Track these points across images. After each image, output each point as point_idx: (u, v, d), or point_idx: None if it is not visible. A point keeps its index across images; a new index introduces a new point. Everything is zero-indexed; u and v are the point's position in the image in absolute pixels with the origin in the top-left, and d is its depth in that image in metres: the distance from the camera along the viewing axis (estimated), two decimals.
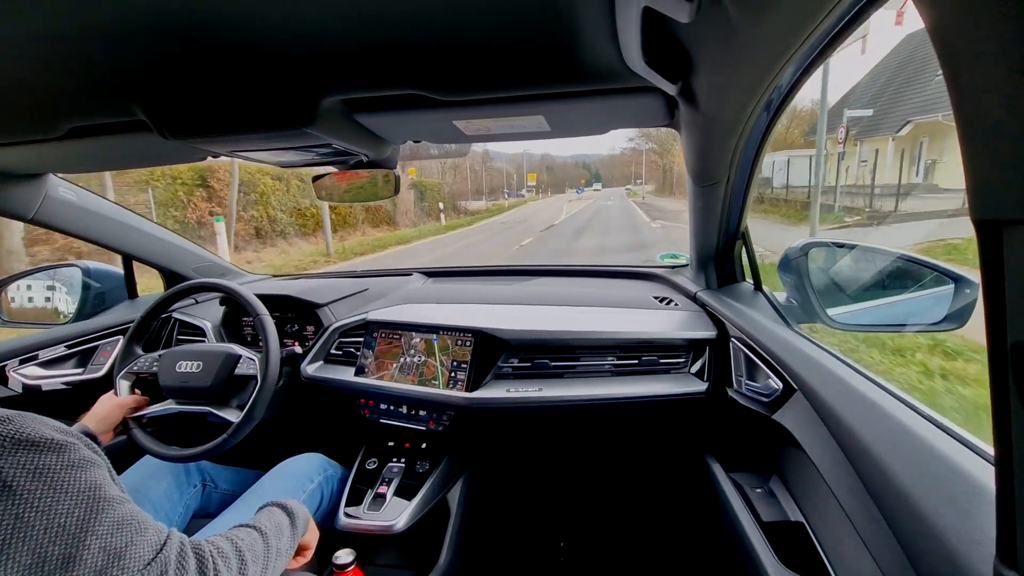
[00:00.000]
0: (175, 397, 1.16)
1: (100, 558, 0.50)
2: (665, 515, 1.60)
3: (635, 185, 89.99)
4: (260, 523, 0.77)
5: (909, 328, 0.99)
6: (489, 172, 61.16)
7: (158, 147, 1.03)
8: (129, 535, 0.53)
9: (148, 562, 0.54)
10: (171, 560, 0.55)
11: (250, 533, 0.73)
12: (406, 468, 1.29)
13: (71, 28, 0.58)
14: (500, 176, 66.56)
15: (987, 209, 0.31)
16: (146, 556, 0.54)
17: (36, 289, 1.64)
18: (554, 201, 48.62)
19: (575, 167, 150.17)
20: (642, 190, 69.27)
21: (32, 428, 0.50)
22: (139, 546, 0.53)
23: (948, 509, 0.49)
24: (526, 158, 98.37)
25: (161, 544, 0.56)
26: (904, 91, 15.24)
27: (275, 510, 0.82)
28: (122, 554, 0.51)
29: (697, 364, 1.21)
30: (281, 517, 0.81)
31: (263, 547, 0.72)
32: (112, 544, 0.51)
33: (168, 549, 0.56)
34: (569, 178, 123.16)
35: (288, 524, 0.81)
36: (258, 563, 0.70)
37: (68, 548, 0.48)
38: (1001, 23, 0.26)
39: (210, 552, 0.61)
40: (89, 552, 0.49)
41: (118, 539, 0.52)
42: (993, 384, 0.33)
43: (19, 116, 0.88)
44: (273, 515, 0.81)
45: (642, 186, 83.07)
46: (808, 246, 1.07)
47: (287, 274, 1.98)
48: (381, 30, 0.61)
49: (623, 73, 0.71)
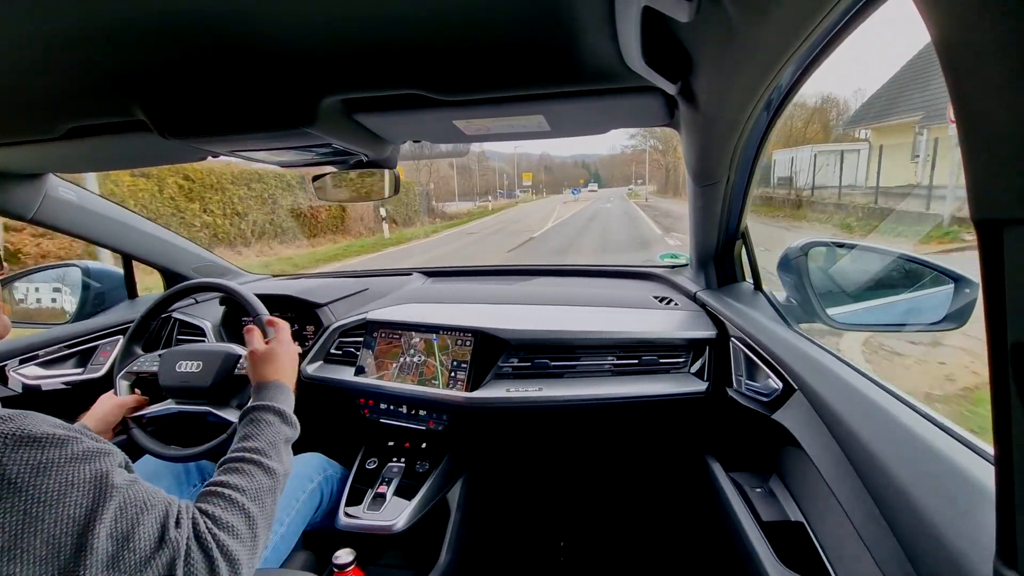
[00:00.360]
0: (175, 397, 1.16)
1: (109, 545, 0.50)
2: (665, 515, 1.60)
3: (636, 185, 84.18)
4: (249, 447, 0.73)
5: (909, 328, 0.99)
6: (484, 172, 58.59)
7: (158, 147, 1.02)
8: (135, 515, 0.53)
9: (158, 543, 0.53)
10: (181, 546, 0.55)
11: (245, 472, 0.69)
12: (406, 468, 1.30)
13: (71, 29, 0.58)
14: (494, 176, 62.86)
15: (987, 209, 0.31)
16: (155, 535, 0.53)
17: (36, 289, 1.64)
18: (547, 203, 43.47)
19: (574, 167, 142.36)
20: (644, 191, 63.68)
21: (33, 425, 0.51)
22: (146, 526, 0.53)
23: (948, 508, 0.49)
24: (521, 158, 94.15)
25: (174, 521, 0.56)
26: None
27: (258, 414, 0.79)
28: (130, 536, 0.52)
29: (697, 364, 1.22)
30: (267, 417, 0.79)
31: (267, 481, 0.69)
32: (119, 529, 0.51)
33: (180, 530, 0.56)
34: (568, 178, 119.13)
35: (277, 421, 0.79)
36: (267, 503, 0.67)
37: (79, 538, 0.48)
38: (1002, 24, 0.26)
39: (209, 535, 0.58)
40: (98, 540, 0.49)
41: (124, 523, 0.52)
42: (993, 384, 0.33)
43: (19, 116, 0.88)
44: (261, 423, 0.78)
45: (644, 186, 76.45)
46: (808, 245, 1.07)
47: (287, 274, 1.98)
48: (381, 30, 0.61)
49: (623, 73, 0.71)
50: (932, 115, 10.52)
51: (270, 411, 0.80)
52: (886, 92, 14.00)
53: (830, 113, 28.89)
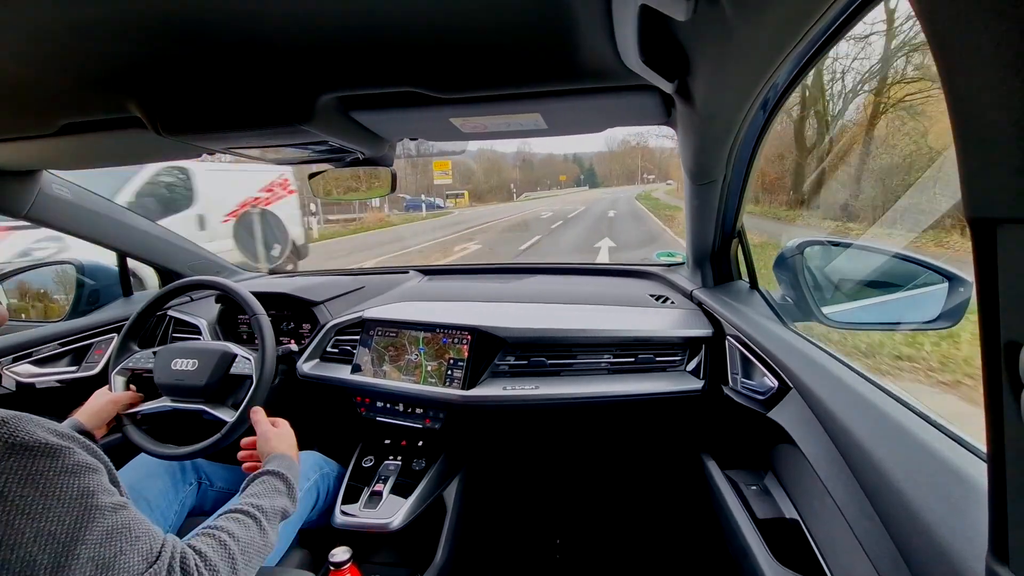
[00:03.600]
0: (170, 394, 1.15)
1: (89, 569, 0.49)
2: (661, 512, 1.61)
3: (644, 183, 64.59)
4: (255, 504, 0.76)
5: (903, 327, 1.00)
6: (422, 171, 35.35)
7: (152, 144, 1.02)
8: (119, 545, 0.52)
9: (140, 575, 0.53)
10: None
11: (244, 524, 0.71)
12: (402, 466, 1.29)
13: (65, 24, 0.58)
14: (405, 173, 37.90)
15: (981, 207, 0.31)
16: (137, 568, 0.53)
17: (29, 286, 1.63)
18: (483, 216, 22.60)
19: (563, 162, 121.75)
20: (662, 189, 44.26)
21: (27, 432, 0.50)
22: (129, 556, 0.52)
23: (941, 505, 0.49)
24: (490, 154, 73.64)
25: (155, 556, 0.55)
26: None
27: (270, 479, 0.82)
28: (111, 565, 0.51)
29: (693, 362, 1.22)
30: (278, 484, 0.82)
31: (259, 540, 0.71)
32: (101, 555, 0.50)
33: (159, 564, 0.55)
34: (550, 176, 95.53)
35: (284, 491, 0.82)
36: (252, 561, 0.69)
37: (57, 557, 0.47)
38: (997, 22, 0.26)
39: (196, 572, 0.59)
40: (78, 563, 0.48)
41: (107, 550, 0.51)
42: (986, 382, 0.34)
43: (12, 112, 0.87)
44: (271, 488, 0.81)
45: (661, 184, 57.17)
46: (804, 244, 1.07)
47: (283, 271, 1.97)
48: (378, 27, 0.60)
49: (620, 71, 0.71)
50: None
51: (281, 479, 0.84)
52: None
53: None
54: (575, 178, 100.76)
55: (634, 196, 36.72)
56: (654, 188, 47.68)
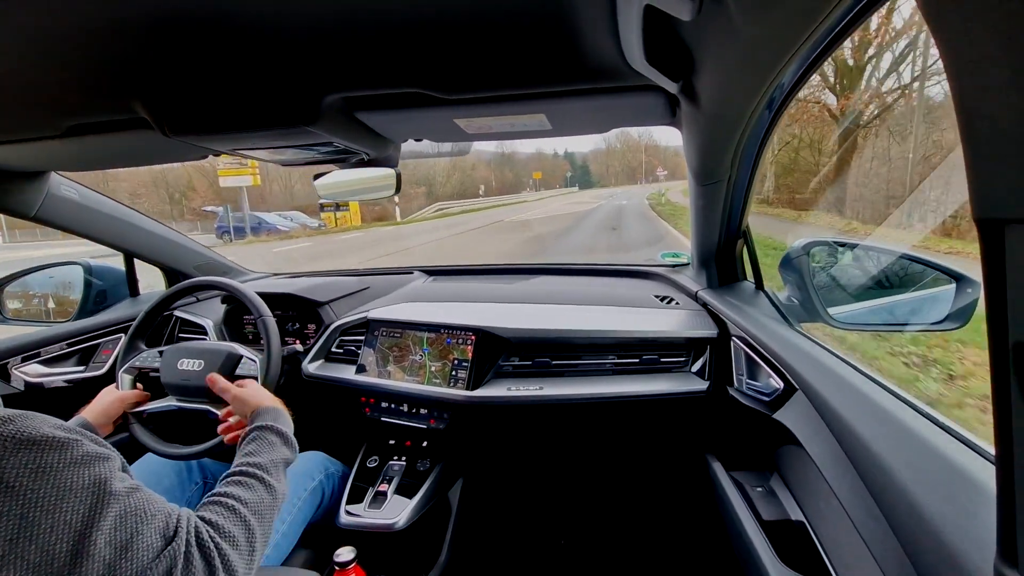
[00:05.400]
0: (176, 394, 1.16)
1: (107, 552, 0.50)
2: (666, 514, 1.60)
3: (650, 181, 55.40)
4: (253, 462, 0.75)
5: (910, 328, 0.99)
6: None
7: (159, 145, 1.03)
8: (134, 525, 0.53)
9: (157, 553, 0.53)
10: (179, 556, 0.55)
11: (249, 486, 0.70)
12: (407, 466, 1.30)
13: (72, 25, 0.58)
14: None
15: (989, 208, 0.31)
16: (155, 545, 0.54)
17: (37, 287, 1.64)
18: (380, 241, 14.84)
19: (552, 159, 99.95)
20: (681, 189, 28.23)
21: (33, 427, 0.50)
22: (146, 535, 0.53)
23: (949, 507, 0.49)
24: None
25: (172, 532, 0.56)
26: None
27: (261, 434, 0.81)
28: (128, 545, 0.51)
29: (698, 363, 1.21)
30: (270, 437, 0.81)
31: (268, 497, 0.71)
32: (118, 538, 0.51)
33: (178, 541, 0.56)
34: (531, 175, 75.64)
35: (279, 442, 0.81)
36: (265, 518, 0.68)
37: (75, 545, 0.48)
38: (1006, 23, 0.26)
39: (212, 543, 0.59)
40: (96, 547, 0.49)
41: (123, 532, 0.52)
42: (994, 383, 0.33)
43: (20, 114, 0.88)
44: (265, 442, 0.80)
45: (667, 183, 48.65)
46: (810, 244, 1.07)
47: (289, 272, 1.98)
48: (383, 28, 0.61)
49: (624, 71, 0.71)
50: None
51: (273, 431, 0.83)
52: None
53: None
54: (563, 177, 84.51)
55: (646, 198, 29.20)
56: (667, 188, 38.76)
